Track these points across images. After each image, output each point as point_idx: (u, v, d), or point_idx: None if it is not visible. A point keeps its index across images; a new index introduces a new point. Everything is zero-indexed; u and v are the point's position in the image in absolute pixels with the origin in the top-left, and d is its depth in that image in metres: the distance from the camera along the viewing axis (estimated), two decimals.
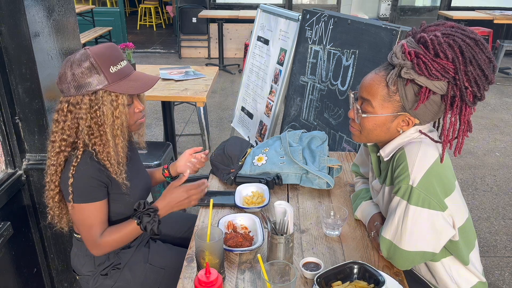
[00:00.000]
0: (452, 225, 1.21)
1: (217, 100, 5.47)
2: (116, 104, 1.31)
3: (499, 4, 7.38)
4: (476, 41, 1.10)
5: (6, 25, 1.60)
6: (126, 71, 1.34)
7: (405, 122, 1.22)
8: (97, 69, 1.27)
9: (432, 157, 1.16)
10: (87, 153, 1.33)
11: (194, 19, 7.23)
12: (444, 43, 1.09)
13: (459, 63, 1.09)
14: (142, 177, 1.58)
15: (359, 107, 1.25)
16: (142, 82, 1.36)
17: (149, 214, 1.38)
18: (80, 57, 1.27)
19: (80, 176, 1.32)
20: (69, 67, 1.27)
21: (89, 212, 1.35)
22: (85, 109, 1.29)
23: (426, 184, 1.15)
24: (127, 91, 1.32)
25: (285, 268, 1.09)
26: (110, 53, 1.31)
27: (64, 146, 1.32)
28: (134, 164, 1.53)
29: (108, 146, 1.32)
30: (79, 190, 1.33)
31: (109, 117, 1.30)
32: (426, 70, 1.11)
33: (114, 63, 1.30)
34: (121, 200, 1.43)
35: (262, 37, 3.15)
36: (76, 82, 1.27)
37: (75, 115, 1.30)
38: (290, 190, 1.66)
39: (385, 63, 1.23)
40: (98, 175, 1.34)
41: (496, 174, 3.70)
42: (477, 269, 1.33)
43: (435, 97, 1.15)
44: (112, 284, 1.49)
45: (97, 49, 1.29)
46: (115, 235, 1.40)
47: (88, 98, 1.29)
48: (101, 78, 1.28)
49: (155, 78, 1.41)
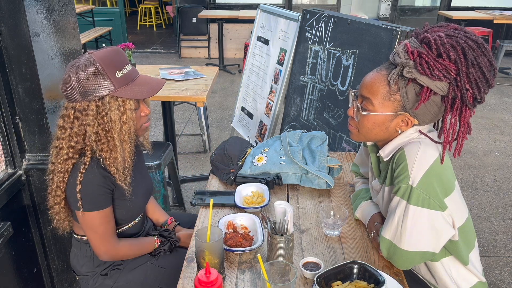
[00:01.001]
0: (452, 225, 1.21)
1: (217, 100, 5.47)
2: (124, 109, 1.29)
3: (499, 4, 7.38)
4: (478, 44, 1.11)
5: (6, 25, 1.60)
6: (132, 75, 1.33)
7: (404, 122, 1.22)
8: (103, 74, 1.25)
9: (431, 157, 1.17)
10: (94, 160, 1.31)
11: (194, 19, 7.23)
12: (447, 43, 1.10)
13: (461, 65, 1.09)
14: (145, 182, 1.58)
15: (360, 105, 1.25)
16: (149, 86, 1.35)
17: (171, 244, 1.55)
18: (85, 63, 1.25)
19: (88, 184, 1.31)
20: (74, 73, 1.25)
21: (101, 220, 1.35)
22: (92, 116, 1.27)
23: (425, 184, 1.15)
24: (134, 96, 1.30)
25: (285, 268, 1.09)
26: (115, 57, 1.29)
27: (72, 153, 1.31)
28: (138, 168, 1.52)
29: (115, 152, 1.31)
30: (88, 197, 1.32)
31: (117, 122, 1.29)
32: (429, 69, 1.11)
33: (119, 68, 1.29)
34: (123, 205, 1.43)
35: (262, 37, 3.15)
36: (81, 88, 1.25)
37: (82, 122, 1.28)
38: (290, 190, 1.66)
39: (387, 62, 1.24)
40: (104, 182, 1.34)
41: (496, 174, 3.70)
42: (477, 269, 1.33)
43: (435, 97, 1.16)
44: (112, 284, 1.49)
45: (102, 54, 1.27)
46: (133, 247, 1.49)
47: (94, 104, 1.27)
48: (108, 84, 1.26)
49: (162, 82, 1.40)
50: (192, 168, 3.73)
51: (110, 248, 1.40)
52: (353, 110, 1.28)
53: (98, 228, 1.36)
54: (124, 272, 1.50)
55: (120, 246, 1.43)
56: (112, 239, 1.40)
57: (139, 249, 1.51)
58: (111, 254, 1.42)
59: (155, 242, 1.53)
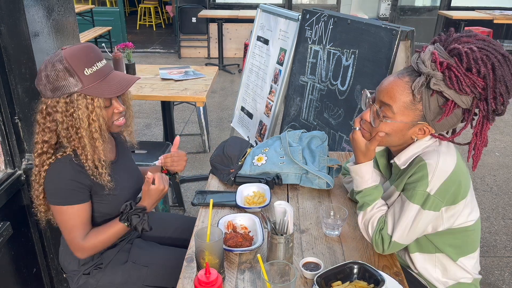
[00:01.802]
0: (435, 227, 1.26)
1: (217, 100, 5.46)
2: (92, 107, 1.28)
3: (499, 4, 7.38)
4: (505, 58, 1.09)
5: (5, 24, 1.60)
6: (103, 72, 1.31)
7: (421, 131, 1.21)
8: (70, 71, 1.24)
9: (451, 166, 1.18)
10: (68, 155, 1.32)
11: (193, 19, 7.23)
12: (479, 58, 1.07)
13: (489, 80, 1.08)
14: (132, 176, 1.56)
15: (379, 110, 1.21)
16: (119, 84, 1.32)
17: (137, 214, 1.38)
18: (55, 59, 1.25)
19: (59, 178, 1.31)
20: (44, 68, 1.25)
21: (69, 215, 1.34)
22: (61, 113, 1.27)
23: (444, 191, 1.17)
24: (102, 94, 1.29)
25: (285, 268, 1.09)
26: (85, 54, 1.27)
27: (46, 147, 1.31)
28: (122, 163, 1.52)
29: (86, 149, 1.31)
30: (58, 191, 1.32)
31: (85, 120, 1.28)
32: (457, 84, 1.09)
33: (89, 65, 1.27)
34: (107, 200, 1.42)
35: (261, 37, 3.15)
36: (51, 85, 1.25)
37: (53, 118, 1.29)
38: (290, 190, 1.66)
39: (408, 67, 1.20)
40: (78, 177, 1.33)
41: (495, 174, 3.70)
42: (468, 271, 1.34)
43: (457, 110, 1.15)
44: (96, 284, 1.49)
45: (71, 51, 1.26)
46: (100, 236, 1.39)
47: (63, 101, 1.27)
48: (76, 81, 1.25)
49: (134, 79, 1.38)
50: (191, 168, 3.73)
51: (77, 245, 1.36)
52: (369, 115, 1.24)
53: (66, 223, 1.35)
54: (107, 272, 1.50)
55: (85, 241, 1.37)
56: (79, 236, 1.36)
57: (108, 235, 1.39)
58: (80, 250, 1.37)
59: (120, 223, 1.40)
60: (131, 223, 1.37)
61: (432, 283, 1.35)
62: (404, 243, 1.24)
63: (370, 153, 1.27)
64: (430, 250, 1.32)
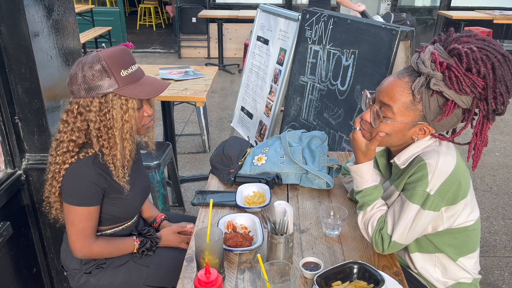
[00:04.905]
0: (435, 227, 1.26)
1: (217, 100, 5.46)
2: (126, 108, 1.31)
3: (499, 4, 7.38)
4: (505, 57, 1.09)
5: (5, 24, 1.60)
6: (137, 75, 1.35)
7: (422, 131, 1.21)
8: (108, 72, 1.27)
9: (451, 166, 1.18)
10: (92, 156, 1.34)
11: (193, 19, 7.23)
12: (479, 58, 1.07)
13: (489, 80, 1.08)
14: (143, 180, 1.58)
15: (379, 111, 1.21)
16: (152, 87, 1.36)
17: (152, 242, 1.52)
18: (92, 60, 1.27)
19: (79, 178, 1.33)
20: (81, 69, 1.28)
21: (81, 216, 1.36)
22: (94, 112, 1.30)
23: (443, 192, 1.17)
24: (137, 96, 1.32)
25: (285, 268, 1.09)
26: (121, 56, 1.32)
27: (72, 146, 1.33)
28: (137, 167, 1.54)
29: (115, 149, 1.33)
30: (75, 192, 1.34)
31: (119, 120, 1.31)
32: (457, 84, 1.09)
33: (125, 67, 1.31)
34: (119, 203, 1.44)
35: (261, 37, 3.15)
36: (86, 84, 1.28)
37: (84, 117, 1.31)
38: (290, 190, 1.66)
39: (408, 68, 1.20)
40: (98, 181, 1.35)
41: (495, 174, 3.70)
42: (468, 271, 1.34)
43: (457, 110, 1.15)
44: (96, 283, 1.50)
45: (109, 52, 1.29)
46: (109, 247, 1.46)
47: (98, 101, 1.29)
48: (112, 82, 1.28)
49: (166, 84, 1.42)
50: (191, 168, 3.73)
51: (84, 246, 1.40)
52: (369, 115, 1.24)
53: (78, 223, 1.37)
54: (108, 271, 1.50)
55: (95, 246, 1.42)
56: (89, 238, 1.40)
57: (116, 249, 1.49)
58: (84, 252, 1.42)
59: (134, 242, 1.51)
60: (144, 245, 1.50)
61: (432, 283, 1.35)
62: (404, 243, 1.24)
63: (370, 153, 1.28)
64: (430, 250, 1.32)
